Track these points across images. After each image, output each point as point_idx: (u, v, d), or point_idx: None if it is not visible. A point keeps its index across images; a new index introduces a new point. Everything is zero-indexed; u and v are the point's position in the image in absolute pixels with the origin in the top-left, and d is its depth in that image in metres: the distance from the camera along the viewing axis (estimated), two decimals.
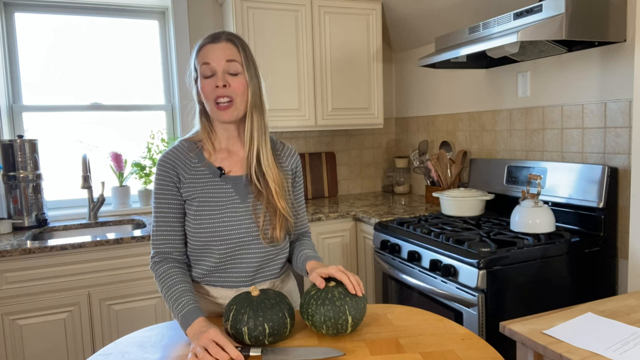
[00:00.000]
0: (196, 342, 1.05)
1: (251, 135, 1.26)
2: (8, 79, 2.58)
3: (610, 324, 1.12)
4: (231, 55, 1.23)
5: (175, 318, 1.15)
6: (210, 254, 1.25)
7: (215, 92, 1.21)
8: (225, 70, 1.22)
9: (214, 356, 1.01)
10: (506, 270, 1.64)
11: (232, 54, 1.23)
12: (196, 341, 1.05)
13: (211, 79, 1.22)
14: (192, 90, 1.30)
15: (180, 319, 1.13)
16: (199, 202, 1.24)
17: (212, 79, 1.22)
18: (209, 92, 1.22)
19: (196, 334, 1.06)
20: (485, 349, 1.03)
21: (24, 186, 2.36)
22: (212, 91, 1.22)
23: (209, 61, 1.22)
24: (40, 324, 2.02)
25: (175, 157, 1.27)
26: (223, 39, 1.24)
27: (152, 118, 2.89)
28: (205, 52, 1.24)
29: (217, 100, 1.22)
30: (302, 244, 1.38)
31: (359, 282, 1.15)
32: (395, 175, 3.23)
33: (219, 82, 1.21)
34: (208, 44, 1.24)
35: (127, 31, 2.82)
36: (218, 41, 1.24)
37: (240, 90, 1.23)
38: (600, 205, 1.84)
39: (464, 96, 2.71)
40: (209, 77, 1.23)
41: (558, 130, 2.12)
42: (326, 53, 2.78)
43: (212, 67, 1.22)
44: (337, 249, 2.57)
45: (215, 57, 1.22)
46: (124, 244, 2.11)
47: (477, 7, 2.38)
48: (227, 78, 1.22)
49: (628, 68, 1.82)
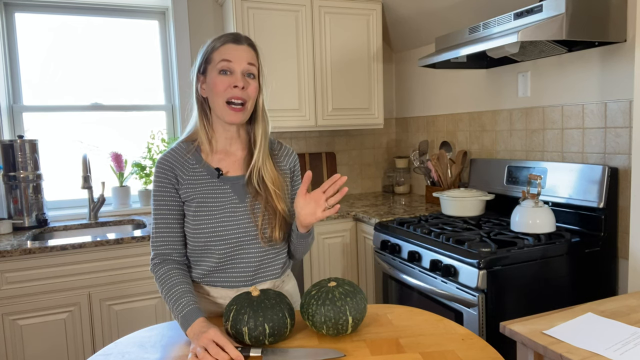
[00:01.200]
0: (196, 342, 1.05)
1: (254, 139, 1.29)
2: (8, 79, 2.58)
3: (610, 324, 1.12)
4: (252, 59, 1.25)
5: (176, 319, 1.15)
6: (209, 255, 1.25)
7: (232, 92, 1.22)
8: (245, 71, 1.24)
9: (213, 356, 1.01)
10: (506, 270, 1.64)
11: (253, 58, 1.26)
12: (196, 341, 1.05)
13: (229, 76, 1.23)
14: (194, 84, 1.29)
15: (181, 320, 1.13)
16: (198, 203, 1.25)
17: (229, 77, 1.22)
18: (223, 90, 1.22)
19: (196, 335, 1.07)
20: (486, 349, 1.03)
21: (24, 186, 2.36)
22: (228, 90, 1.22)
23: (231, 59, 1.22)
24: (40, 324, 2.02)
25: (173, 159, 1.27)
26: (244, 42, 1.26)
27: (153, 118, 2.89)
28: (228, 50, 1.24)
29: (231, 100, 1.22)
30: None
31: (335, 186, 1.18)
32: (396, 175, 3.23)
33: (239, 83, 1.22)
34: (230, 43, 1.25)
35: (128, 31, 2.82)
36: (240, 43, 1.25)
37: (253, 95, 1.26)
38: (601, 205, 1.84)
39: (464, 96, 2.71)
40: (225, 74, 1.23)
41: (558, 131, 2.12)
42: (326, 53, 2.78)
43: (233, 66, 1.23)
44: (337, 249, 2.57)
45: (238, 57, 1.23)
46: (124, 244, 2.11)
47: (477, 7, 2.38)
48: (246, 80, 1.24)
49: (628, 68, 1.82)
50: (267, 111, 1.32)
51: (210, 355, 1.01)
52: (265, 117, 1.31)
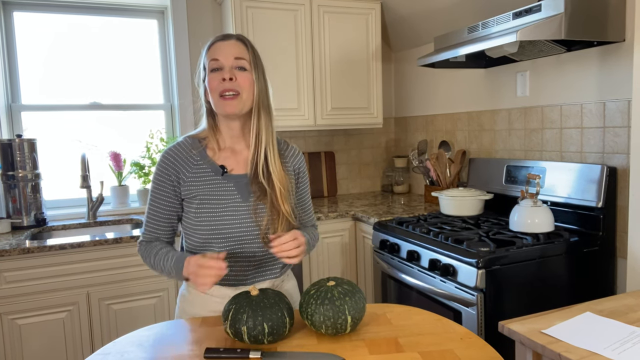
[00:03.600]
0: (191, 278, 1.15)
1: (258, 135, 1.27)
2: (7, 78, 2.57)
3: (608, 324, 1.12)
4: (240, 53, 1.25)
5: (171, 273, 1.22)
6: (209, 252, 1.25)
7: (222, 86, 1.23)
8: (233, 65, 1.24)
9: (203, 280, 1.11)
10: (505, 269, 1.65)
11: (241, 52, 1.25)
12: (191, 277, 1.15)
13: (218, 72, 1.23)
14: (200, 90, 1.31)
15: (175, 269, 1.21)
16: (200, 200, 1.25)
17: (218, 73, 1.23)
18: (215, 86, 1.23)
19: (190, 273, 1.16)
20: (484, 349, 1.03)
21: (22, 185, 2.36)
22: (218, 85, 1.23)
23: (217, 57, 1.23)
24: (39, 324, 2.02)
25: (178, 154, 1.28)
26: (233, 38, 1.27)
27: (151, 117, 2.89)
28: (215, 49, 1.25)
29: (223, 93, 1.23)
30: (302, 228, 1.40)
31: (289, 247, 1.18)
32: (395, 174, 3.23)
33: (226, 75, 1.22)
34: (218, 42, 1.26)
35: (126, 30, 2.82)
36: (228, 39, 1.26)
37: (246, 85, 1.24)
38: (599, 204, 1.84)
39: (463, 96, 2.71)
40: (216, 72, 1.24)
41: (557, 130, 2.12)
42: (325, 53, 2.78)
43: (221, 63, 1.23)
44: (336, 249, 2.57)
45: (224, 53, 1.24)
46: (122, 243, 2.11)
47: (477, 6, 2.38)
48: (234, 72, 1.23)
49: (627, 68, 1.82)
50: (272, 104, 1.31)
51: (203, 276, 1.11)
52: (270, 112, 1.29)
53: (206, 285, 1.11)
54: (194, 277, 1.13)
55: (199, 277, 1.11)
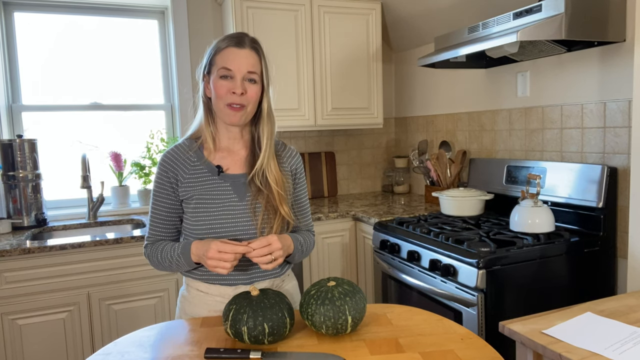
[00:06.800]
0: (207, 263, 1.16)
1: (262, 140, 1.29)
2: (7, 79, 2.58)
3: (609, 324, 1.12)
4: (253, 66, 1.25)
5: (179, 263, 1.24)
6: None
7: (231, 98, 1.23)
8: (245, 78, 1.24)
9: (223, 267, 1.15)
10: (506, 270, 1.65)
11: (255, 64, 1.25)
12: (206, 262, 1.17)
13: (228, 81, 1.23)
14: (200, 85, 1.30)
15: (182, 257, 1.23)
16: (197, 200, 1.26)
17: (229, 82, 1.23)
18: (223, 94, 1.24)
19: (201, 257, 1.18)
20: (485, 349, 1.03)
21: (23, 186, 2.36)
22: (227, 95, 1.23)
23: (230, 67, 1.23)
24: (39, 324, 2.02)
25: (176, 156, 1.30)
26: (247, 46, 1.25)
27: (152, 118, 2.89)
28: (228, 56, 1.24)
29: (230, 104, 1.24)
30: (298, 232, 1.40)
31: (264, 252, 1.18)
32: (395, 175, 3.23)
33: (237, 90, 1.22)
34: (232, 47, 1.25)
35: (127, 31, 2.82)
36: (242, 46, 1.25)
37: (254, 99, 1.26)
38: (600, 205, 1.84)
39: (464, 96, 2.71)
40: (226, 79, 1.24)
41: (557, 130, 2.12)
42: (326, 53, 2.78)
43: (232, 73, 1.23)
44: (336, 249, 2.57)
45: (237, 65, 1.23)
46: (123, 243, 2.11)
47: (477, 7, 2.38)
48: (244, 85, 1.23)
49: (627, 68, 1.82)
50: (273, 111, 1.32)
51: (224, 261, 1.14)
52: (272, 118, 1.31)
53: (225, 270, 1.15)
54: (214, 262, 1.15)
55: (220, 262, 1.15)
